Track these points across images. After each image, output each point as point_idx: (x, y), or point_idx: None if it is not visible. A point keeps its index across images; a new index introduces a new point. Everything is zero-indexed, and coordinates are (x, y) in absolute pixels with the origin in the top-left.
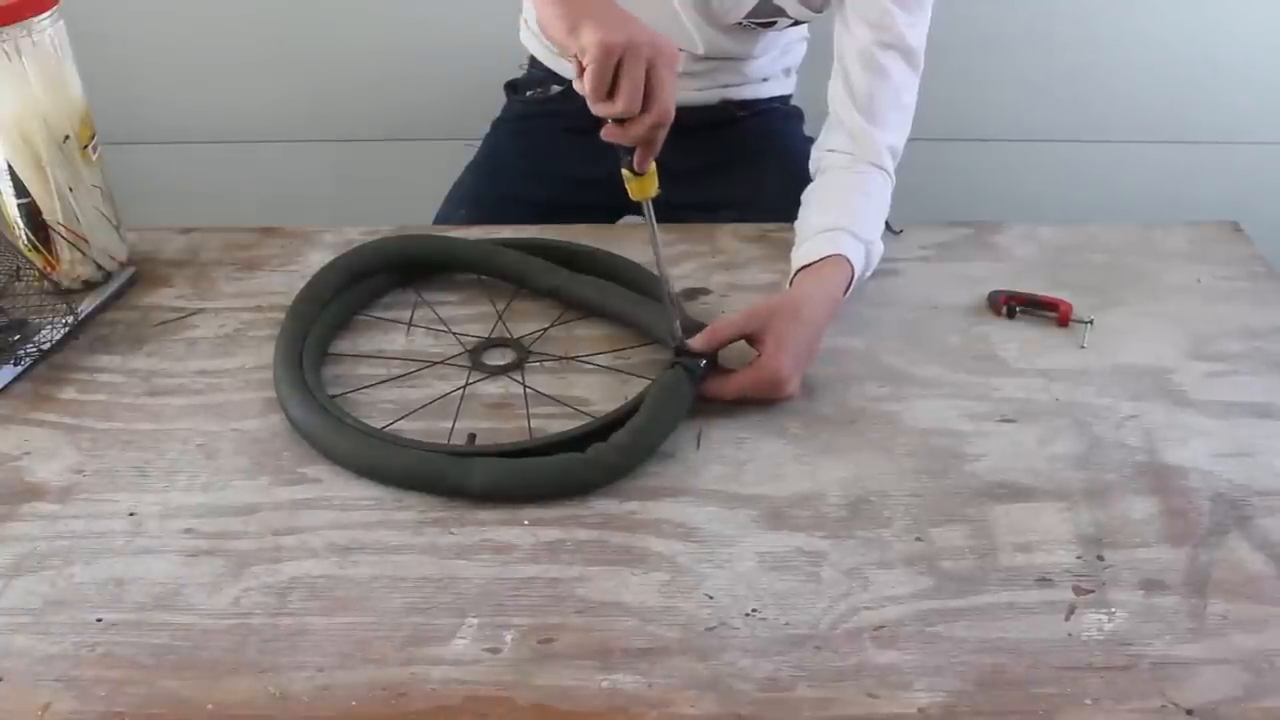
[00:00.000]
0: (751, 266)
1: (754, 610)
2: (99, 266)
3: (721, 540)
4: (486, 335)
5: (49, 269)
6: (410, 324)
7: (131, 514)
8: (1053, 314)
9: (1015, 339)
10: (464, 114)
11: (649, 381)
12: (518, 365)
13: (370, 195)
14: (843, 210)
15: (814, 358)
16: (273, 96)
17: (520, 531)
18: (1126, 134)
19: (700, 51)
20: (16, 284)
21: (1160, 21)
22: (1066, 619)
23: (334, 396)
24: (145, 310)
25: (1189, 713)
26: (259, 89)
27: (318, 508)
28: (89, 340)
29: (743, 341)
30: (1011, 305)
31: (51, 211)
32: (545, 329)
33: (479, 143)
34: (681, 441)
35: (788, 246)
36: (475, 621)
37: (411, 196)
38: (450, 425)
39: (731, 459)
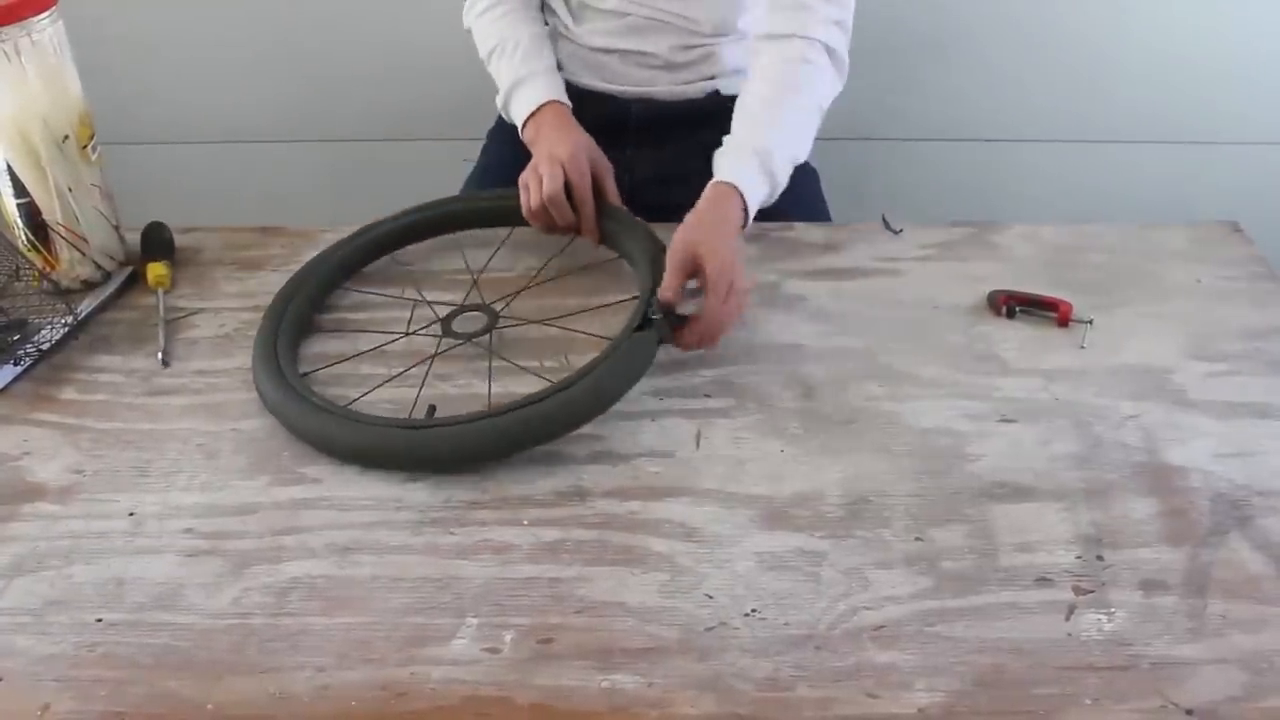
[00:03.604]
0: (751, 265)
1: (753, 610)
2: (98, 266)
3: (721, 540)
4: (460, 302)
5: (48, 269)
6: (410, 302)
7: (131, 514)
8: (1053, 314)
9: (1015, 339)
10: (463, 115)
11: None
12: (486, 331)
13: (370, 195)
14: (758, 128)
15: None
16: (273, 96)
17: (520, 531)
18: (1126, 134)
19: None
20: (16, 284)
21: (1160, 22)
22: (1066, 619)
23: (305, 374)
24: (145, 310)
25: (1188, 713)
26: (259, 89)
27: (317, 508)
28: (89, 340)
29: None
30: (1012, 305)
31: (51, 211)
32: (517, 293)
33: (478, 155)
34: (681, 441)
35: (787, 246)
36: (475, 621)
37: (411, 197)
38: (415, 395)
39: (731, 459)
